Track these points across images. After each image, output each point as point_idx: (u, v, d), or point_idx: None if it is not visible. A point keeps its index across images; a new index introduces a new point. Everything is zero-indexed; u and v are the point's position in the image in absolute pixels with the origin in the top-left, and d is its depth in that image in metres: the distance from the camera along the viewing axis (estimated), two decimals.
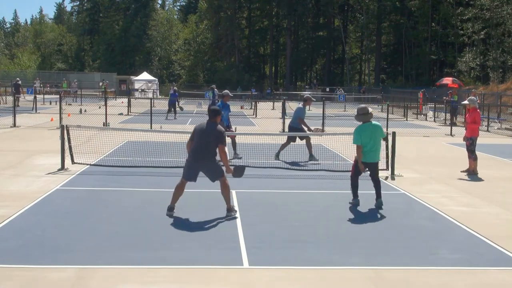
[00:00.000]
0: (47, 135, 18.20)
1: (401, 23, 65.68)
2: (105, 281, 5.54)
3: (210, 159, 8.07)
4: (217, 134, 7.97)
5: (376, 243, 7.07)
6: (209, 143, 7.97)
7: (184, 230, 7.42)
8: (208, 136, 7.96)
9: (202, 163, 8.10)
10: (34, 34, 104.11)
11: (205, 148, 7.98)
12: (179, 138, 15.50)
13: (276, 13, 77.41)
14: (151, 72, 72.94)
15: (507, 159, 15.41)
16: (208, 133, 7.97)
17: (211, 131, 7.98)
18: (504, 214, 8.83)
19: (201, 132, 8.03)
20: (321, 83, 73.15)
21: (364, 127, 8.80)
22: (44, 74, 71.27)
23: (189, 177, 8.20)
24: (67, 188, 9.94)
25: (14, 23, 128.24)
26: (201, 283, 5.57)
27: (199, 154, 8.03)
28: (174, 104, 27.94)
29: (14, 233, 7.11)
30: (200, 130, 8.07)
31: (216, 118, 8.16)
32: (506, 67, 48.25)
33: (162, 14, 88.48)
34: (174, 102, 27.97)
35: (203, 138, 7.98)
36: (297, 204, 9.16)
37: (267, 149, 14.54)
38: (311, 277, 5.81)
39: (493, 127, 25.73)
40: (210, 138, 7.95)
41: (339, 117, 30.54)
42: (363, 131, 8.76)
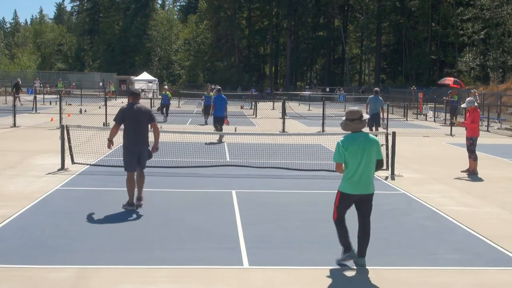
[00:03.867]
0: (47, 135, 18.20)
1: (401, 23, 65.74)
2: (105, 281, 5.54)
3: (145, 141, 8.50)
4: (147, 112, 8.49)
5: (376, 243, 7.07)
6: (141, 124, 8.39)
7: (184, 230, 7.42)
8: (138, 117, 8.37)
9: (141, 147, 8.47)
10: (34, 34, 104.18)
11: (140, 129, 8.39)
12: (179, 138, 15.51)
13: (276, 13, 77.43)
14: (151, 72, 72.95)
15: (507, 159, 15.41)
16: (138, 114, 8.38)
17: (140, 112, 8.42)
18: (504, 214, 8.83)
19: (132, 115, 8.36)
20: (321, 83, 73.17)
21: (351, 139, 6.01)
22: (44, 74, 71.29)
23: (133, 168, 8.46)
24: (67, 188, 9.94)
25: (14, 23, 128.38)
26: (201, 283, 5.57)
27: (138, 137, 8.43)
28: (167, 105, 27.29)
29: (14, 233, 7.11)
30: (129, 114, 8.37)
31: (137, 99, 8.60)
32: (506, 67, 48.26)
33: (162, 14, 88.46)
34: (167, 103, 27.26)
35: (136, 121, 8.37)
36: (297, 204, 9.16)
37: (267, 149, 14.54)
38: (311, 277, 5.81)
39: (493, 127, 25.73)
40: (141, 119, 8.38)
41: (339, 117, 30.52)
42: (349, 144, 5.97)
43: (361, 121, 6.01)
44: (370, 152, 5.97)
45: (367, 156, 5.96)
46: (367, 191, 6.05)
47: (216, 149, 15.44)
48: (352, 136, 6.05)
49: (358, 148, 5.94)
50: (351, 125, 6.03)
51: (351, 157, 5.95)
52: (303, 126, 25.69)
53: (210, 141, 17.14)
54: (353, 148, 5.94)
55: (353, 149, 5.94)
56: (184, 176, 11.22)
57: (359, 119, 5.99)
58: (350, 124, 6.03)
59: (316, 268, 6.05)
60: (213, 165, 12.54)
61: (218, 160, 13.41)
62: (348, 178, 6.01)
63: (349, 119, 6.03)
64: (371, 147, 5.99)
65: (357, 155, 5.94)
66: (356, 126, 6.02)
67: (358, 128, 6.04)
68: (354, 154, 5.94)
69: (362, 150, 5.94)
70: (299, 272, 5.94)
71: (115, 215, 8.19)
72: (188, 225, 7.68)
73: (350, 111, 6.09)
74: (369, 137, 6.09)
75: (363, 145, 5.95)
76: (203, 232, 7.33)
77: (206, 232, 7.33)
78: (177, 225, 7.69)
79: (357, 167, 5.94)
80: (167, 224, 7.71)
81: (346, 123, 6.07)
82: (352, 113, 6.04)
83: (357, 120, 5.98)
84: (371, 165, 6.02)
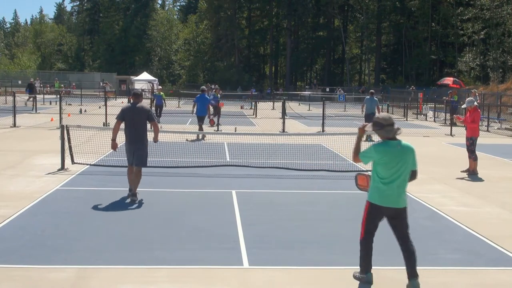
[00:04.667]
0: (47, 135, 18.20)
1: (401, 23, 65.76)
2: (105, 281, 5.54)
3: (142, 140, 9.00)
4: (146, 112, 9.00)
5: (375, 243, 7.06)
6: (139, 123, 8.92)
7: (184, 230, 7.42)
8: (138, 116, 8.92)
9: (136, 145, 8.98)
10: (34, 34, 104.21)
11: (139, 127, 8.93)
12: (178, 138, 15.50)
13: (276, 13, 77.44)
14: (151, 72, 72.97)
15: (507, 159, 15.41)
16: (137, 114, 8.93)
17: (140, 111, 8.96)
18: (504, 214, 8.83)
19: (132, 114, 8.94)
20: (321, 83, 73.16)
21: (387, 147, 5.44)
22: (44, 74, 71.29)
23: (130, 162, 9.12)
24: (67, 188, 9.94)
25: (14, 23, 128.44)
26: (201, 283, 5.57)
27: (134, 135, 8.96)
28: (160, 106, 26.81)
29: (14, 233, 7.11)
30: (129, 113, 8.95)
31: (139, 99, 9.17)
32: (506, 67, 48.27)
33: (162, 14, 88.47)
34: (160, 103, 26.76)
35: (135, 120, 8.91)
36: (297, 204, 9.15)
37: (267, 149, 14.54)
38: (311, 277, 5.81)
39: (493, 127, 25.73)
40: (140, 118, 8.91)
41: (339, 117, 30.55)
42: (384, 152, 5.41)
43: (394, 128, 5.45)
44: (405, 162, 5.42)
45: (402, 166, 5.40)
46: (398, 204, 5.44)
47: (216, 149, 15.45)
48: (388, 143, 5.46)
49: (392, 158, 5.38)
50: (392, 130, 5.47)
51: (383, 167, 5.39)
52: (303, 126, 25.69)
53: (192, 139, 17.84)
54: (386, 157, 5.38)
55: (386, 159, 5.38)
56: (184, 176, 11.22)
57: (392, 125, 5.44)
58: (392, 129, 5.47)
59: (316, 268, 6.05)
60: (213, 165, 12.54)
61: (218, 160, 13.41)
62: (378, 188, 5.44)
63: (389, 124, 5.46)
64: (408, 156, 5.43)
65: (391, 165, 5.38)
66: (396, 131, 5.47)
67: (393, 134, 5.45)
68: (387, 164, 5.37)
69: (397, 160, 5.38)
70: (299, 272, 5.94)
71: (115, 215, 8.19)
72: (188, 225, 7.67)
73: (384, 116, 5.54)
74: (405, 145, 5.48)
75: (399, 155, 5.40)
76: (203, 232, 7.33)
77: (206, 232, 7.33)
78: (177, 225, 7.69)
79: (389, 177, 5.38)
80: (167, 224, 7.71)
81: (387, 129, 5.47)
82: (389, 117, 5.52)
83: (390, 127, 5.43)
84: (405, 176, 5.46)
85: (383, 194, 5.40)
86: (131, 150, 9.04)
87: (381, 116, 5.54)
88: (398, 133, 5.43)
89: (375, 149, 5.42)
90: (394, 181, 5.38)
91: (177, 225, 7.69)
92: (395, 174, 5.37)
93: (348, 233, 7.52)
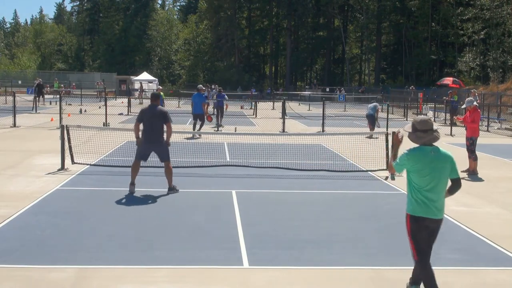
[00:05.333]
0: (47, 135, 18.20)
1: (401, 23, 65.77)
2: (105, 281, 5.54)
3: (159, 139, 9.47)
4: (162, 114, 9.49)
5: (376, 243, 7.07)
6: (156, 123, 9.41)
7: (184, 230, 7.42)
8: (155, 117, 9.43)
9: (153, 144, 9.45)
10: (34, 34, 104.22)
11: (156, 128, 9.41)
12: (178, 138, 15.50)
13: (276, 13, 77.44)
14: (151, 72, 72.97)
15: (507, 159, 15.41)
16: (154, 115, 9.45)
17: (157, 113, 9.47)
18: (504, 214, 8.84)
19: (149, 115, 9.45)
20: (321, 83, 73.16)
21: (420, 153, 5.01)
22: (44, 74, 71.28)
23: (141, 157, 9.59)
24: (67, 188, 9.94)
25: (14, 23, 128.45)
26: (201, 283, 5.57)
27: (152, 136, 9.41)
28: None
29: (14, 233, 7.11)
30: (148, 114, 9.48)
31: (157, 101, 9.71)
32: (506, 67, 48.27)
33: (162, 14, 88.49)
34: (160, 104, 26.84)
35: (152, 120, 9.41)
36: (297, 204, 9.15)
37: (267, 149, 14.53)
38: (311, 277, 5.81)
39: (493, 127, 25.73)
40: (157, 119, 9.42)
41: (339, 117, 30.55)
42: (417, 159, 5.00)
43: (434, 132, 5.02)
44: (442, 170, 4.97)
45: (438, 174, 4.96)
46: (437, 215, 5.01)
47: (216, 149, 15.45)
48: (421, 150, 5.02)
49: (427, 164, 4.95)
50: (425, 137, 4.99)
51: (418, 175, 4.98)
52: (303, 126, 25.69)
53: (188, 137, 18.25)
54: (421, 164, 4.96)
55: (421, 165, 4.96)
56: (184, 176, 11.22)
57: (432, 129, 5.01)
58: (424, 136, 4.99)
59: (316, 268, 6.05)
60: (213, 165, 12.54)
61: (218, 160, 13.41)
62: (415, 198, 5.03)
63: (422, 130, 4.99)
64: (444, 164, 4.98)
65: (425, 172, 4.95)
66: (430, 138, 4.99)
67: (433, 140, 5.01)
68: (420, 171, 4.96)
69: (431, 166, 4.96)
70: (299, 272, 5.94)
71: (115, 215, 8.19)
72: (188, 225, 7.68)
73: (422, 120, 5.04)
74: (441, 152, 5.02)
75: (433, 162, 4.96)
76: (203, 232, 7.33)
77: (206, 232, 7.33)
78: (177, 225, 7.69)
79: (425, 186, 4.97)
80: (167, 224, 7.71)
81: (418, 135, 5.00)
82: (425, 122, 5.01)
83: (431, 131, 4.99)
84: (443, 186, 5.02)
85: (423, 205, 4.97)
86: (149, 149, 9.56)
87: (418, 119, 5.08)
88: (434, 141, 5.01)
89: (407, 155, 5.03)
90: (431, 190, 4.96)
91: (177, 225, 7.69)
92: (430, 182, 4.95)
93: (348, 233, 7.53)
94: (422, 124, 5.00)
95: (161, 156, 9.62)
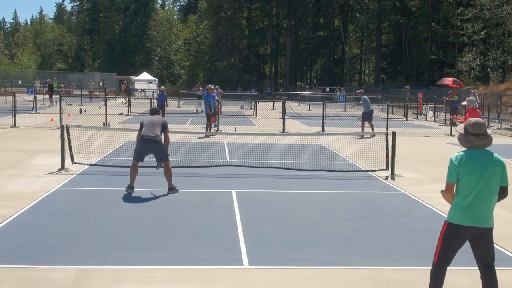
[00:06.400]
0: (47, 135, 18.20)
1: (401, 23, 65.76)
2: (105, 281, 5.54)
3: (157, 138, 9.64)
4: (163, 122, 9.84)
5: (376, 243, 7.07)
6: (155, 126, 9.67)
7: (184, 230, 7.42)
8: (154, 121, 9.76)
9: (153, 144, 9.56)
10: (34, 34, 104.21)
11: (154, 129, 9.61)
12: (178, 138, 15.50)
13: (276, 13, 77.43)
14: (151, 72, 72.97)
15: (507, 159, 15.40)
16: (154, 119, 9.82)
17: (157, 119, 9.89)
18: (504, 214, 8.83)
19: (149, 121, 9.74)
20: (321, 83, 73.16)
21: (469, 156, 4.73)
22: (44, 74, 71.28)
23: (139, 157, 9.69)
24: (67, 188, 9.94)
25: (14, 23, 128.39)
26: (201, 283, 5.57)
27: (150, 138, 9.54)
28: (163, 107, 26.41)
29: (14, 233, 7.11)
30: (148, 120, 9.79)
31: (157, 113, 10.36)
32: (506, 67, 48.27)
33: (162, 14, 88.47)
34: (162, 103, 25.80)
35: (151, 122, 9.69)
36: (297, 204, 9.15)
37: (267, 149, 14.53)
38: (311, 277, 5.81)
39: (493, 127, 25.73)
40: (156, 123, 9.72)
41: (339, 117, 30.55)
42: (466, 162, 4.70)
43: (487, 137, 4.74)
44: (492, 174, 4.66)
45: (488, 179, 4.64)
46: (483, 223, 4.68)
47: (216, 149, 15.45)
48: (470, 152, 4.72)
49: (476, 168, 4.64)
50: (475, 141, 4.71)
51: (466, 179, 4.65)
52: (303, 126, 25.69)
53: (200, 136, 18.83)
54: (470, 168, 4.64)
55: (470, 169, 4.64)
56: (184, 176, 11.22)
57: (485, 134, 4.72)
58: (474, 140, 4.71)
59: (316, 268, 6.05)
60: (213, 165, 12.54)
61: (218, 160, 13.41)
62: (459, 205, 4.72)
63: (474, 133, 4.69)
64: (494, 168, 4.68)
65: (475, 176, 4.64)
66: (481, 143, 4.72)
67: (483, 145, 4.74)
68: (470, 175, 4.64)
69: (481, 171, 4.63)
70: (299, 272, 5.94)
71: (115, 215, 8.19)
72: (188, 225, 7.68)
73: (475, 123, 4.74)
74: (493, 156, 4.73)
75: (484, 165, 4.65)
76: (203, 232, 7.33)
77: (206, 232, 7.33)
78: (177, 225, 7.69)
79: (471, 191, 4.65)
80: (167, 224, 7.71)
81: (468, 138, 4.73)
82: (478, 126, 4.71)
83: (483, 136, 4.71)
84: (492, 191, 4.70)
85: (466, 212, 4.67)
86: (147, 150, 9.67)
87: (472, 121, 4.78)
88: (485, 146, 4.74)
89: (455, 158, 4.73)
90: (479, 196, 4.65)
91: (177, 225, 7.69)
92: (480, 188, 4.64)
93: (348, 233, 7.53)
94: (475, 127, 4.71)
95: (159, 156, 9.67)
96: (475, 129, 4.70)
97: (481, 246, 4.77)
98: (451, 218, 4.79)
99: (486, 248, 4.80)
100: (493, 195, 4.72)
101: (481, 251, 4.79)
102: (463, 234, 4.72)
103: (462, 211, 4.69)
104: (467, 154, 4.72)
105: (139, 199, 9.22)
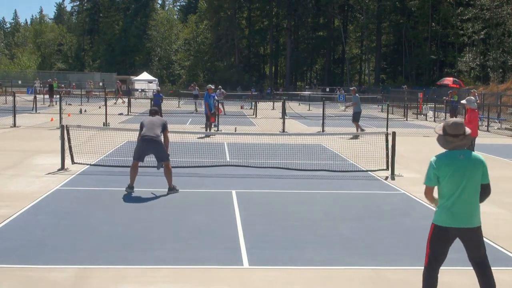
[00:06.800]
0: (47, 135, 18.20)
1: (401, 23, 65.76)
2: (105, 281, 5.54)
3: (157, 140, 9.65)
4: (163, 123, 9.84)
5: (376, 243, 7.07)
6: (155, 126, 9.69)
7: (184, 230, 7.42)
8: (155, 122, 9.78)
9: (153, 144, 9.56)
10: (34, 34, 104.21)
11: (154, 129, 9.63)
12: (178, 138, 15.50)
13: (276, 13, 77.41)
14: (151, 72, 72.97)
15: (507, 159, 15.41)
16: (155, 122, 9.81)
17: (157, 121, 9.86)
18: (504, 214, 8.84)
19: (150, 122, 9.77)
20: (321, 83, 73.15)
21: (448, 158, 4.72)
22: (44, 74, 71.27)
23: (139, 157, 9.71)
24: (67, 188, 9.94)
25: (14, 23, 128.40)
26: (201, 283, 5.57)
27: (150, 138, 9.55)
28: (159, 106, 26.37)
29: (14, 233, 7.11)
30: (148, 121, 9.81)
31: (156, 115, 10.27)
32: (506, 67, 48.27)
33: (162, 14, 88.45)
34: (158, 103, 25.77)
35: (152, 125, 9.69)
36: (297, 204, 9.16)
37: (267, 149, 14.53)
38: (311, 277, 5.81)
39: (493, 127, 25.73)
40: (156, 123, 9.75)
41: (339, 117, 30.54)
42: (445, 164, 4.70)
43: (466, 137, 4.70)
44: (473, 174, 4.64)
45: (469, 179, 4.63)
46: (468, 224, 4.67)
47: (216, 149, 15.45)
48: (449, 154, 4.71)
49: (457, 169, 4.63)
50: (455, 142, 4.68)
51: (448, 180, 4.64)
52: (303, 126, 25.69)
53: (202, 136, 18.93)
54: (450, 169, 4.63)
55: (451, 171, 4.63)
56: (184, 176, 11.23)
57: (464, 134, 4.69)
58: (454, 141, 4.68)
59: (316, 268, 6.05)
60: (213, 165, 12.54)
61: (218, 160, 13.41)
62: (443, 207, 4.72)
63: (452, 134, 4.67)
64: (475, 168, 4.65)
65: (456, 177, 4.63)
66: (460, 143, 4.69)
67: (463, 145, 4.71)
68: (451, 177, 4.63)
69: (462, 172, 4.63)
70: (299, 272, 5.94)
71: (115, 215, 8.19)
72: (188, 225, 7.68)
73: (453, 124, 4.71)
74: (471, 155, 4.70)
75: (464, 166, 4.63)
76: (203, 232, 7.33)
77: (205, 232, 7.33)
78: (177, 225, 7.69)
79: (454, 192, 4.64)
80: (167, 224, 7.71)
81: (447, 139, 4.70)
82: (456, 126, 4.68)
83: (462, 136, 4.68)
84: (475, 191, 4.68)
85: (450, 213, 4.67)
86: (147, 150, 9.69)
87: (450, 122, 4.77)
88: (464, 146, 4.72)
89: (434, 162, 4.72)
90: (462, 197, 4.63)
91: (177, 225, 7.69)
92: (462, 189, 4.63)
93: (348, 233, 7.53)
94: (453, 128, 4.68)
95: (160, 156, 9.68)
96: (454, 129, 4.68)
97: (470, 246, 4.79)
98: (436, 220, 4.80)
99: (476, 247, 4.79)
100: (475, 194, 4.71)
101: (471, 250, 4.81)
102: (450, 235, 4.74)
103: (446, 213, 4.71)
104: (446, 156, 4.73)
105: (139, 199, 9.22)
